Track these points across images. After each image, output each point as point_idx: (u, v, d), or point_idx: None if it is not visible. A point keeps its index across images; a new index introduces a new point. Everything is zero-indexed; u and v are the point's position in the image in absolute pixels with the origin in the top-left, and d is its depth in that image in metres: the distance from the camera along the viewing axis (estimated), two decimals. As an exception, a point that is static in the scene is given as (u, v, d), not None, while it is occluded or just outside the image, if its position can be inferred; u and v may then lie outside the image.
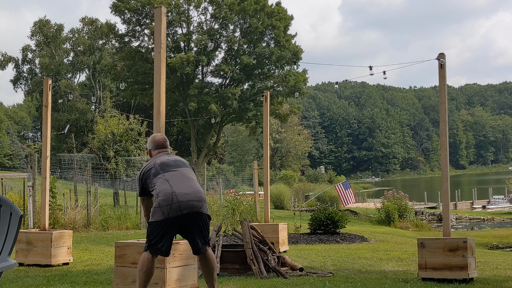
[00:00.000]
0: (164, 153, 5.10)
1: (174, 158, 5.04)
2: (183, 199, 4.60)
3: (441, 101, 7.07)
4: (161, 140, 5.22)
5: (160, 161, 4.92)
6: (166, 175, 4.76)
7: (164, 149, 5.16)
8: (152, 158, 5.08)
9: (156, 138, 5.23)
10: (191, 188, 4.72)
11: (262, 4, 45.41)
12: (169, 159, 4.96)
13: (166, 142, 5.22)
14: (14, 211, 4.19)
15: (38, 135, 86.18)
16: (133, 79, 46.43)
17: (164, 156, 5.01)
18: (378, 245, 12.56)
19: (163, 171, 4.80)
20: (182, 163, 4.99)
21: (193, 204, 4.63)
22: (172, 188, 4.65)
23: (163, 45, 5.55)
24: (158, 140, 5.21)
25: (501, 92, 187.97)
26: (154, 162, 4.92)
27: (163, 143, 5.20)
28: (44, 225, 8.35)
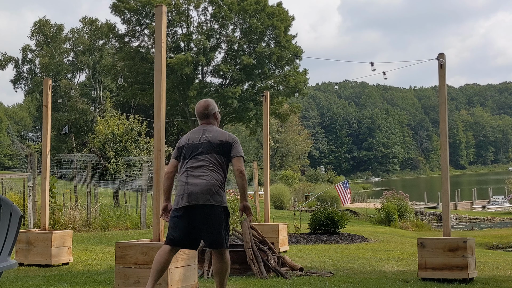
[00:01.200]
0: (201, 128, 5.06)
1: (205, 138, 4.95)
2: (192, 190, 4.69)
3: (441, 101, 7.07)
4: (201, 109, 5.15)
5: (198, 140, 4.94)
6: (191, 162, 4.84)
7: (205, 120, 5.10)
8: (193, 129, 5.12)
9: (196, 108, 5.21)
10: (201, 179, 4.74)
11: (263, 5, 45.39)
12: (200, 141, 4.93)
13: (206, 110, 5.12)
14: (14, 211, 4.19)
15: (38, 135, 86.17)
16: (133, 79, 46.42)
17: (198, 134, 4.98)
18: (378, 245, 12.56)
19: (190, 158, 4.87)
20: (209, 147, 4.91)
21: (198, 196, 4.68)
22: (187, 178, 4.76)
23: (163, 44, 5.55)
24: (197, 110, 5.17)
25: (501, 92, 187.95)
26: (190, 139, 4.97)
27: (202, 112, 5.13)
28: (44, 225, 8.35)
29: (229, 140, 4.96)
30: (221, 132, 5.04)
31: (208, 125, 5.08)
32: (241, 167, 4.86)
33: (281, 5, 47.23)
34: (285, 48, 45.12)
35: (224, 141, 4.92)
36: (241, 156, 4.92)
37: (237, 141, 5.04)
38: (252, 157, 70.26)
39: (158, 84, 5.52)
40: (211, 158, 4.86)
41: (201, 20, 48.16)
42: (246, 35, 47.01)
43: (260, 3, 45.27)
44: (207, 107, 5.13)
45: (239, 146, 5.00)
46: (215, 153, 4.88)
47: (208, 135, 4.95)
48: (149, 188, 16.90)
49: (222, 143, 4.91)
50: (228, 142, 4.94)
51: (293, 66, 46.60)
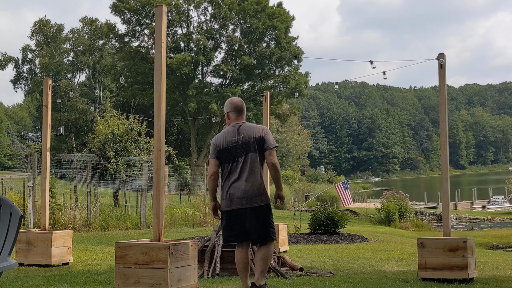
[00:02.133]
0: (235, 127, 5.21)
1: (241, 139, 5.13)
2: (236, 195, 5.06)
3: (441, 101, 7.07)
4: (239, 103, 5.34)
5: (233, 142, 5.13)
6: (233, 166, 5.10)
7: (240, 115, 5.29)
8: (228, 127, 5.26)
9: (233, 101, 5.36)
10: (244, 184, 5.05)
11: (263, 5, 45.39)
12: (237, 142, 5.12)
13: (243, 106, 5.34)
14: (14, 211, 4.19)
15: (38, 135, 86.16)
16: (133, 79, 46.44)
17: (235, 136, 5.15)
18: (378, 245, 12.55)
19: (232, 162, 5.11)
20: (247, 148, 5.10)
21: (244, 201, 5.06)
22: (229, 182, 5.09)
23: (163, 44, 5.54)
24: (235, 104, 5.33)
25: (501, 92, 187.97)
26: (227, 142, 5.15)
27: (241, 106, 5.33)
28: (44, 225, 8.35)
29: (262, 134, 5.14)
30: (255, 128, 5.20)
31: (241, 122, 5.27)
32: (273, 160, 5.10)
33: (281, 5, 47.24)
34: (286, 49, 45.14)
35: (258, 137, 5.12)
36: (273, 148, 5.13)
37: (268, 132, 5.21)
38: (252, 157, 70.09)
39: (158, 84, 5.51)
40: (251, 159, 5.10)
41: (201, 20, 48.19)
42: (247, 35, 47.01)
43: (260, 4, 45.28)
44: (243, 103, 5.38)
45: (271, 137, 5.18)
46: (253, 152, 5.11)
47: (244, 135, 5.14)
48: (149, 188, 16.91)
49: (257, 139, 5.12)
50: (262, 136, 5.13)
51: (293, 67, 46.65)
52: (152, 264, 5.16)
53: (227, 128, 5.29)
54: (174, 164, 30.64)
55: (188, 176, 30.29)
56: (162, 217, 5.47)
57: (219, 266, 6.96)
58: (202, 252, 7.15)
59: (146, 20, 45.41)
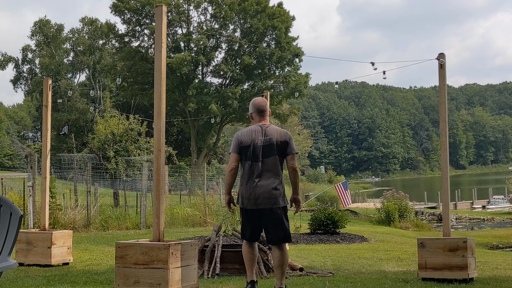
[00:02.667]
0: (260, 127, 5.36)
1: (268, 140, 5.29)
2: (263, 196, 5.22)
3: (441, 101, 7.07)
4: (262, 104, 5.51)
5: (259, 142, 5.29)
6: (256, 165, 5.25)
7: (263, 116, 5.45)
8: (252, 126, 5.44)
9: (256, 102, 5.52)
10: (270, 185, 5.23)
11: (264, 5, 45.37)
12: (264, 142, 5.29)
13: (266, 106, 5.50)
14: (14, 211, 4.19)
15: (38, 135, 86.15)
16: (133, 79, 46.43)
17: (260, 135, 5.31)
18: (378, 245, 12.55)
19: (255, 161, 5.26)
20: (271, 150, 5.27)
21: (265, 201, 5.24)
22: (254, 182, 5.24)
23: (163, 44, 5.54)
24: (258, 105, 5.49)
25: (501, 92, 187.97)
26: (252, 140, 5.30)
27: (264, 107, 5.48)
28: (44, 225, 8.35)
29: (286, 139, 5.34)
30: (280, 132, 5.39)
31: (266, 123, 5.45)
32: (294, 164, 5.30)
33: (281, 5, 47.22)
34: (286, 49, 45.15)
35: (283, 141, 5.32)
36: (296, 153, 5.37)
37: (291, 138, 5.42)
38: (252, 157, 70.10)
39: (158, 84, 5.51)
40: (274, 161, 5.29)
41: (201, 20, 48.19)
42: (247, 35, 47.01)
43: (261, 4, 45.28)
44: (266, 103, 5.53)
45: (293, 143, 5.39)
46: (277, 155, 5.30)
47: (271, 137, 5.31)
48: (149, 188, 16.91)
49: (282, 143, 5.31)
50: (286, 141, 5.33)
51: (293, 67, 46.63)
52: (152, 264, 5.16)
53: (253, 126, 5.42)
54: (174, 164, 30.63)
55: (188, 176, 30.29)
56: (162, 217, 5.47)
57: (219, 266, 6.97)
58: (202, 252, 7.15)
59: (146, 20, 45.40)
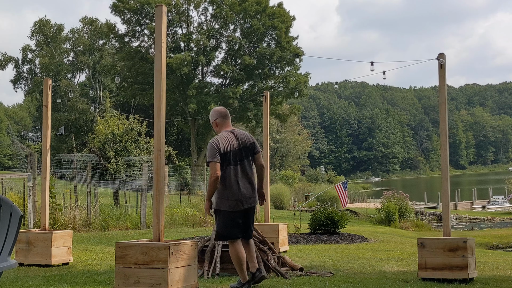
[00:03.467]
0: (231, 133, 5.74)
1: (243, 141, 5.70)
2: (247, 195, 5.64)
3: (441, 101, 7.07)
4: (223, 110, 5.94)
5: (236, 147, 5.64)
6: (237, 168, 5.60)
7: (227, 121, 5.88)
8: (223, 132, 5.77)
9: (219, 109, 5.94)
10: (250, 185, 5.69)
11: (264, 6, 45.37)
12: (240, 146, 5.67)
13: (227, 112, 5.95)
14: (14, 211, 4.19)
15: (38, 135, 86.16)
16: (133, 79, 46.43)
17: (234, 140, 5.68)
18: (378, 245, 12.55)
19: (235, 164, 5.60)
20: (247, 152, 5.69)
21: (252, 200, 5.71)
22: (238, 184, 5.59)
23: (163, 44, 5.55)
24: (220, 110, 5.92)
25: (501, 92, 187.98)
26: (230, 145, 5.63)
27: (226, 113, 5.92)
28: (44, 225, 8.35)
29: (253, 140, 5.83)
30: (247, 134, 5.84)
31: (231, 128, 5.85)
32: (262, 161, 5.80)
33: (282, 5, 47.22)
34: (286, 49, 45.14)
35: (252, 143, 5.78)
36: (260, 151, 5.84)
37: (254, 138, 5.87)
38: (252, 157, 70.13)
39: (158, 84, 5.51)
40: (250, 162, 5.72)
41: (201, 20, 48.18)
42: (247, 36, 47.00)
43: (261, 4, 45.27)
44: (227, 110, 5.99)
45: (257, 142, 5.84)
46: (251, 156, 5.75)
47: (243, 140, 5.73)
48: (149, 188, 16.91)
49: (251, 145, 5.77)
50: (253, 142, 5.80)
51: (293, 67, 46.61)
52: (152, 264, 5.17)
53: (224, 133, 5.75)
54: (174, 164, 30.64)
55: (188, 176, 30.29)
56: (162, 217, 5.47)
57: (219, 266, 6.97)
58: (202, 252, 7.15)
59: (146, 20, 45.40)
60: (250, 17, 45.83)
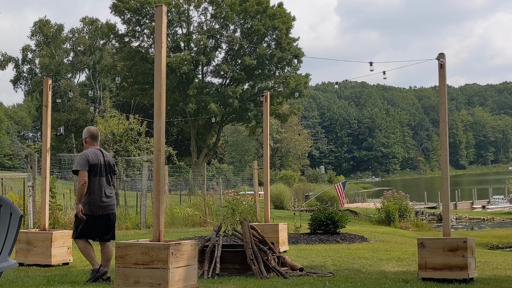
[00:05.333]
0: (99, 150, 6.71)
1: (108, 159, 6.73)
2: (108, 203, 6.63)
3: (441, 101, 7.07)
4: (96, 133, 6.86)
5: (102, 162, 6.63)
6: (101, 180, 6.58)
7: (96, 141, 6.81)
8: (92, 148, 6.70)
9: (91, 130, 6.84)
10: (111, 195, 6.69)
11: (265, 6, 45.35)
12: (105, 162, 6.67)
13: (98, 133, 6.88)
14: (14, 211, 4.19)
15: (38, 135, 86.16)
16: (133, 79, 46.42)
17: (101, 156, 6.66)
18: (378, 245, 12.55)
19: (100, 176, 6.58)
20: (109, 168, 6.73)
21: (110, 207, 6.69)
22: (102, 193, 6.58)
23: (163, 44, 5.55)
24: (94, 133, 6.82)
25: (501, 92, 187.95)
26: (98, 160, 6.60)
27: (98, 135, 6.87)
28: (44, 225, 8.35)
29: (113, 162, 6.92)
30: (109, 154, 6.95)
31: (98, 146, 6.82)
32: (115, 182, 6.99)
33: (282, 5, 47.20)
34: (286, 50, 45.13)
35: (114, 164, 6.89)
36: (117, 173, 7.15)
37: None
38: (252, 157, 70.27)
39: (158, 84, 5.52)
40: (111, 177, 6.76)
41: (201, 20, 48.17)
42: (247, 36, 47.00)
43: (261, 4, 45.26)
44: (98, 131, 6.91)
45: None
46: (112, 172, 6.79)
47: (108, 159, 6.76)
48: (149, 188, 16.90)
49: (113, 164, 6.84)
50: (114, 164, 6.91)
51: (293, 67, 46.61)
52: (152, 264, 5.17)
53: (93, 149, 6.69)
54: (174, 164, 30.62)
55: (188, 176, 30.29)
56: (162, 217, 5.47)
57: (219, 266, 6.97)
58: (202, 252, 7.15)
59: (146, 20, 45.39)
60: (251, 18, 45.82)
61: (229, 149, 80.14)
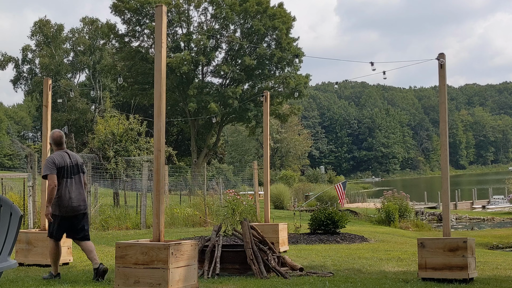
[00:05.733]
0: (65, 153, 6.79)
1: (75, 160, 6.79)
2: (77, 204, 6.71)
3: (441, 101, 7.07)
4: (58, 138, 6.89)
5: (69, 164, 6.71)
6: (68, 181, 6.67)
7: (61, 145, 6.87)
8: (58, 152, 6.78)
9: (54, 136, 6.88)
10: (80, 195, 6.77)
11: (265, 6, 45.32)
12: (72, 164, 6.74)
13: (62, 139, 6.92)
14: (14, 211, 4.19)
15: (38, 135, 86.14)
16: (133, 79, 46.41)
17: (67, 158, 6.74)
18: (378, 245, 12.55)
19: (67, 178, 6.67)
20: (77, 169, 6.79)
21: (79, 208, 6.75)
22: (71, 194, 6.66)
23: (163, 44, 5.55)
24: (55, 138, 6.87)
25: (501, 92, 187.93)
26: (64, 162, 6.68)
27: (60, 140, 6.90)
28: (44, 225, 8.35)
29: (81, 161, 6.97)
30: (76, 154, 7.02)
31: (67, 149, 6.88)
32: (86, 181, 7.10)
33: (282, 6, 47.18)
34: (286, 50, 45.12)
35: (82, 163, 6.93)
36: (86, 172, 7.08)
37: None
38: (252, 157, 70.27)
39: (158, 84, 5.52)
40: (80, 177, 6.83)
41: (201, 20, 48.16)
42: (247, 36, 46.98)
43: (262, 4, 45.24)
44: (62, 136, 6.94)
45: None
46: (81, 173, 6.86)
47: (75, 159, 6.83)
48: (149, 188, 16.90)
49: (81, 164, 6.91)
50: (82, 163, 6.96)
51: (293, 67, 46.59)
52: (152, 264, 5.17)
53: (60, 152, 6.78)
54: (174, 164, 30.61)
55: (188, 176, 30.29)
56: (162, 217, 5.47)
57: (219, 266, 6.97)
58: (202, 252, 7.15)
59: (146, 20, 45.38)
60: (251, 18, 45.81)
61: (229, 149, 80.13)
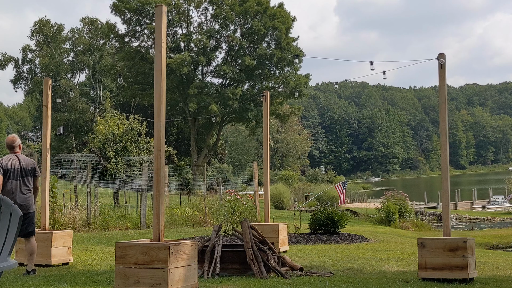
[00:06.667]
0: (15, 156, 7.12)
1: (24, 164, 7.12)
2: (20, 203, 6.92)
3: (441, 101, 7.07)
4: (10, 142, 7.23)
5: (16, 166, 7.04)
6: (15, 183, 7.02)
7: (13, 150, 7.19)
8: (8, 155, 7.15)
9: (7, 141, 7.25)
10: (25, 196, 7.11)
11: (265, 6, 45.31)
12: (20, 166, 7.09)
13: (14, 143, 7.22)
14: (14, 211, 4.19)
15: (38, 135, 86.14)
16: (133, 79, 46.41)
17: (16, 162, 7.08)
18: (378, 245, 12.55)
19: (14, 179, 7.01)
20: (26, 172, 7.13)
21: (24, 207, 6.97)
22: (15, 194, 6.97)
23: (163, 44, 5.55)
24: (7, 143, 7.23)
25: (501, 92, 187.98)
26: (12, 165, 7.03)
27: (11, 144, 7.22)
28: (44, 225, 8.36)
29: (35, 165, 7.28)
30: (29, 159, 7.29)
31: (18, 154, 7.19)
32: (38, 185, 7.40)
33: (282, 6, 47.17)
34: (286, 50, 45.12)
35: (33, 167, 7.24)
36: (40, 175, 7.43)
37: (36, 163, 7.39)
38: (252, 157, 70.27)
39: (158, 84, 5.52)
40: (28, 180, 7.16)
41: (201, 20, 48.16)
42: (247, 36, 46.98)
43: (262, 5, 45.23)
44: (14, 140, 7.25)
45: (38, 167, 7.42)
46: (30, 176, 7.18)
47: (24, 163, 7.14)
48: (149, 188, 16.90)
49: (32, 168, 7.21)
50: (35, 167, 7.26)
51: (293, 67, 46.59)
52: (152, 264, 5.17)
53: (10, 156, 7.14)
54: (174, 164, 30.61)
55: (188, 176, 30.29)
56: (162, 217, 5.47)
57: (219, 266, 6.97)
58: (202, 252, 7.15)
59: (146, 20, 45.38)
60: (251, 18, 45.80)
61: (229, 149, 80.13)
